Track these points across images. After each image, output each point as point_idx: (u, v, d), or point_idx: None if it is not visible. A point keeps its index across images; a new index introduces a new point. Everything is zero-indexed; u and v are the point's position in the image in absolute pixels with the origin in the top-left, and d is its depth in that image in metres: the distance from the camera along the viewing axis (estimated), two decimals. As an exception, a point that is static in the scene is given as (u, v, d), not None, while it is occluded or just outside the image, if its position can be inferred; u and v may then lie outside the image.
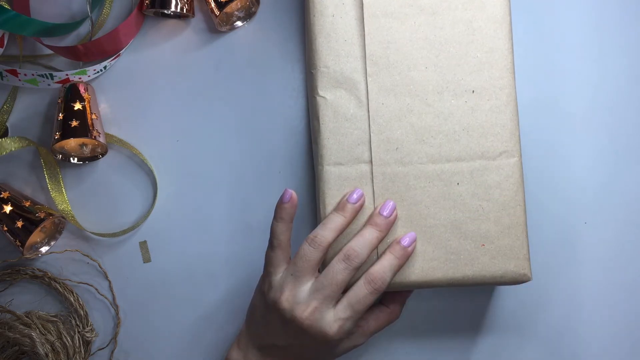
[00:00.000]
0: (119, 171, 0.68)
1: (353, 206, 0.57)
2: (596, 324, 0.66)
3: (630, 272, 0.66)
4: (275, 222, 0.58)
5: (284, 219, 0.57)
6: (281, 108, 0.68)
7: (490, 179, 0.58)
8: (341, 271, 0.56)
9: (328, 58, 0.59)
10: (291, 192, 0.58)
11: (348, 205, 0.57)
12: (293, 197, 0.57)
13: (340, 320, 0.55)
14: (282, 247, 0.58)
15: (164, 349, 0.67)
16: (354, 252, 0.56)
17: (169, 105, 0.68)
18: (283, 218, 0.57)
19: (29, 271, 0.67)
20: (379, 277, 0.56)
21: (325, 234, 0.56)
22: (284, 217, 0.57)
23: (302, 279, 0.56)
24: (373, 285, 0.56)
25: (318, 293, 0.55)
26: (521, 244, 0.58)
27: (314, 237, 0.56)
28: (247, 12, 0.68)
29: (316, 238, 0.56)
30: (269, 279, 0.57)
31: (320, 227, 0.57)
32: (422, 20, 0.59)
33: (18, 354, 0.66)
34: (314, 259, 0.56)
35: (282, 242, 0.57)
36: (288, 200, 0.57)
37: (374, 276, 0.56)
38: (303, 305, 0.55)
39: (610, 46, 0.68)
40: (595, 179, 0.67)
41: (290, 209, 0.57)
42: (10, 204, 0.64)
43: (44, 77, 0.64)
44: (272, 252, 0.58)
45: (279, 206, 0.58)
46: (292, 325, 0.56)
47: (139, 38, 0.69)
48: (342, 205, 0.58)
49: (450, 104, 0.59)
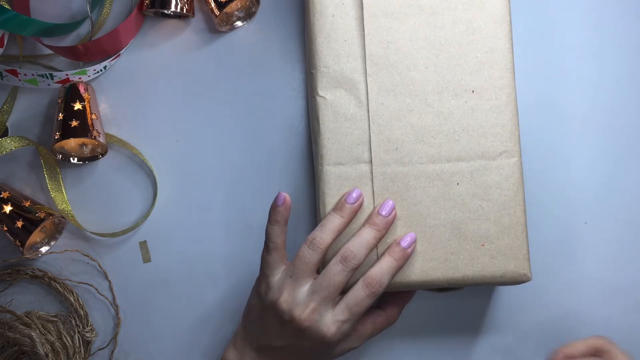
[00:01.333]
0: (119, 171, 0.68)
1: (351, 206, 0.57)
2: (596, 324, 0.66)
3: (630, 272, 0.66)
4: (270, 225, 0.58)
5: (279, 221, 0.58)
6: (281, 108, 0.68)
7: (490, 179, 0.58)
8: (339, 273, 0.56)
9: (328, 58, 0.59)
10: (284, 195, 0.58)
11: (346, 206, 0.57)
12: (287, 200, 0.58)
13: (339, 322, 0.56)
14: (278, 249, 0.58)
15: (164, 349, 0.67)
16: (351, 253, 0.56)
17: (169, 105, 0.68)
18: (278, 221, 0.58)
19: (29, 271, 0.67)
20: (377, 281, 0.56)
21: (324, 236, 0.56)
22: (278, 220, 0.58)
23: (301, 281, 0.56)
24: (370, 288, 0.56)
25: (316, 294, 0.55)
26: (521, 244, 0.58)
27: (312, 239, 0.56)
28: (247, 12, 0.68)
29: (315, 240, 0.56)
30: (266, 280, 0.57)
31: (318, 228, 0.57)
32: (422, 20, 0.59)
33: (18, 354, 0.66)
34: (313, 261, 0.56)
35: (277, 244, 0.58)
36: (282, 203, 0.58)
37: (372, 279, 0.56)
38: (302, 306, 0.55)
39: (610, 46, 0.68)
40: (595, 179, 0.67)
41: (285, 212, 0.58)
42: (10, 204, 0.64)
43: (44, 77, 0.64)
44: (268, 254, 0.58)
45: (273, 209, 0.58)
46: (290, 325, 0.56)
47: (139, 38, 0.69)
48: (340, 206, 0.57)
49: (450, 104, 0.59)
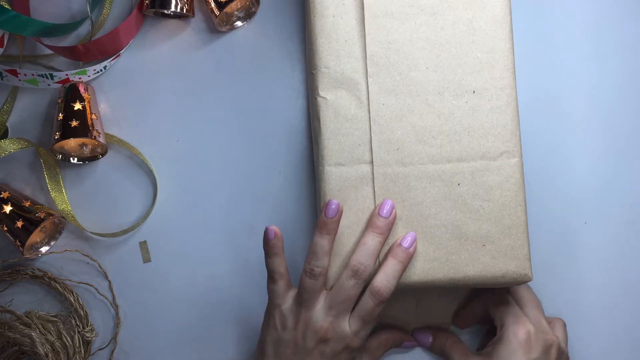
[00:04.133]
0: (119, 171, 0.68)
1: (333, 220, 0.57)
2: (596, 324, 0.66)
3: (630, 272, 0.66)
4: (268, 259, 0.58)
5: (277, 253, 0.58)
6: (281, 108, 0.68)
7: (491, 179, 0.58)
8: (352, 287, 0.56)
9: (329, 58, 0.59)
10: (274, 229, 0.58)
11: (328, 222, 0.57)
12: (277, 232, 0.58)
13: (355, 331, 0.57)
14: (283, 277, 0.58)
15: (164, 349, 0.67)
16: (362, 265, 0.56)
17: (169, 105, 0.68)
18: (276, 253, 0.58)
19: (29, 271, 0.67)
20: (384, 288, 0.56)
21: (319, 263, 0.57)
22: (276, 252, 0.58)
23: (313, 305, 0.57)
24: (379, 297, 0.56)
25: (332, 310, 0.56)
26: (522, 244, 0.58)
27: (310, 270, 0.57)
28: (247, 12, 0.68)
29: (313, 271, 0.57)
30: (279, 309, 0.58)
31: (311, 256, 0.57)
32: (423, 20, 0.59)
33: (18, 354, 0.66)
34: (317, 288, 0.57)
35: (282, 273, 0.58)
36: (273, 237, 0.58)
37: (379, 288, 0.56)
38: (321, 322, 0.56)
39: (610, 46, 0.68)
40: (596, 179, 0.67)
41: (279, 243, 0.58)
42: (10, 204, 0.64)
43: (44, 77, 0.64)
44: (274, 285, 0.58)
45: (267, 244, 0.58)
46: (313, 337, 0.56)
47: (139, 38, 0.69)
48: (322, 224, 0.57)
49: (451, 104, 0.59)
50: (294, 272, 0.60)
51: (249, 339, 0.67)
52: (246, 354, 0.67)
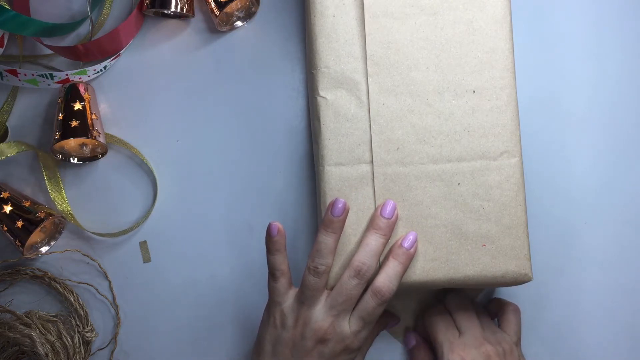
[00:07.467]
0: (119, 171, 0.68)
1: (339, 219, 0.57)
2: (596, 324, 0.66)
3: (630, 272, 0.66)
4: (271, 255, 0.58)
5: (279, 250, 0.58)
6: (281, 108, 0.68)
7: (491, 179, 0.58)
8: (354, 287, 0.56)
9: (329, 58, 0.59)
10: (277, 225, 0.58)
11: (334, 220, 0.57)
12: (280, 229, 0.58)
13: (355, 331, 0.57)
14: (285, 275, 0.58)
15: (164, 349, 0.67)
16: (364, 265, 0.56)
17: (169, 105, 0.68)
18: (278, 250, 0.58)
19: (29, 271, 0.67)
20: (386, 288, 0.56)
21: (323, 261, 0.57)
22: (278, 248, 0.58)
23: (314, 304, 0.57)
24: (381, 297, 0.56)
25: (333, 309, 0.56)
26: (522, 244, 0.58)
27: (314, 267, 0.57)
28: (247, 12, 0.68)
29: (317, 268, 0.57)
30: (280, 308, 0.58)
31: (315, 253, 0.57)
32: (423, 20, 0.59)
33: (18, 354, 0.66)
34: (320, 286, 0.57)
35: (283, 271, 0.58)
36: (276, 234, 0.58)
37: (380, 288, 0.56)
38: (320, 322, 0.56)
39: (610, 46, 0.68)
40: (595, 179, 0.67)
41: (282, 240, 0.58)
42: (10, 204, 0.64)
43: (44, 77, 0.64)
44: (276, 282, 0.58)
45: (270, 241, 0.58)
46: (312, 337, 0.56)
47: (139, 38, 0.69)
48: (328, 222, 0.57)
49: (451, 104, 0.59)
50: (293, 272, 0.60)
51: (249, 339, 0.67)
52: (246, 354, 0.67)
